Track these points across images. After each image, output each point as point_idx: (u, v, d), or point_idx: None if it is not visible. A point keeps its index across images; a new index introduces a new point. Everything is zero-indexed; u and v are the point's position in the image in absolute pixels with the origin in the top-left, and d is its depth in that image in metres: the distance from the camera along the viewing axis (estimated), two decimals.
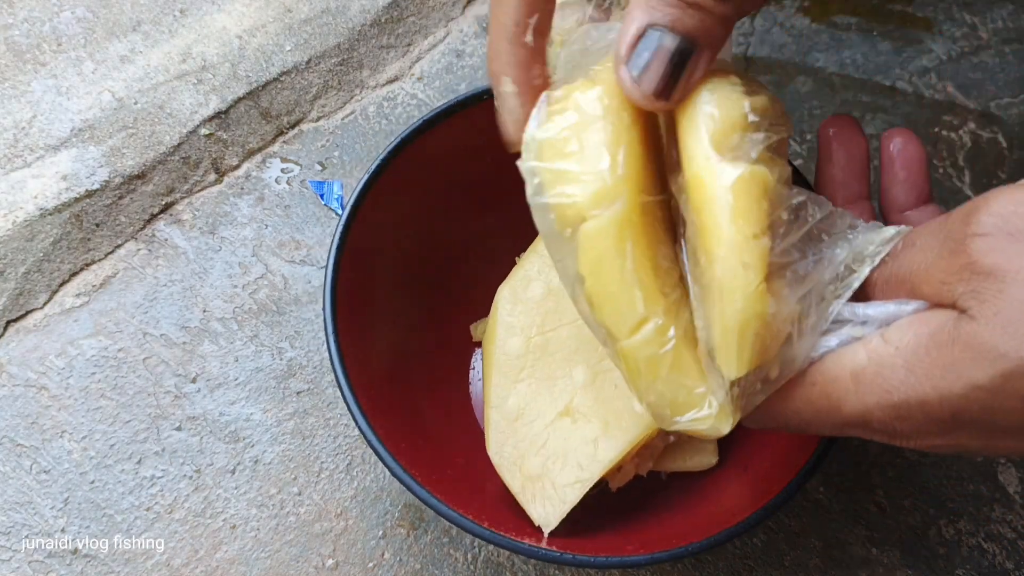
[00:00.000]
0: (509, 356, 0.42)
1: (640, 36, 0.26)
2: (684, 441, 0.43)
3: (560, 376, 0.42)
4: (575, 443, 0.40)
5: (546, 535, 0.39)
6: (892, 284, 0.26)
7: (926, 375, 0.23)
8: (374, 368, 0.42)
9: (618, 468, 0.42)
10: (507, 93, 0.30)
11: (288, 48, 0.57)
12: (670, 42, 0.25)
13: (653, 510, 0.43)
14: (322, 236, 0.52)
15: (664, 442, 0.43)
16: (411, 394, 0.44)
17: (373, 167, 0.41)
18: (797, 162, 0.55)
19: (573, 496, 0.39)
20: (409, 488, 0.36)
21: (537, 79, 0.29)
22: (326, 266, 0.40)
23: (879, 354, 0.25)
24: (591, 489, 0.39)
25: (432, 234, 0.46)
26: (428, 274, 0.46)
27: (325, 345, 0.49)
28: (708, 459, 0.44)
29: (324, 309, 0.39)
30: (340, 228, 0.40)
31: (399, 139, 0.42)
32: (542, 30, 0.29)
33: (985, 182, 0.55)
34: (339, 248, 0.40)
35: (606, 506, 0.43)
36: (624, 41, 0.26)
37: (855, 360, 0.25)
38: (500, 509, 0.40)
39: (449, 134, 0.43)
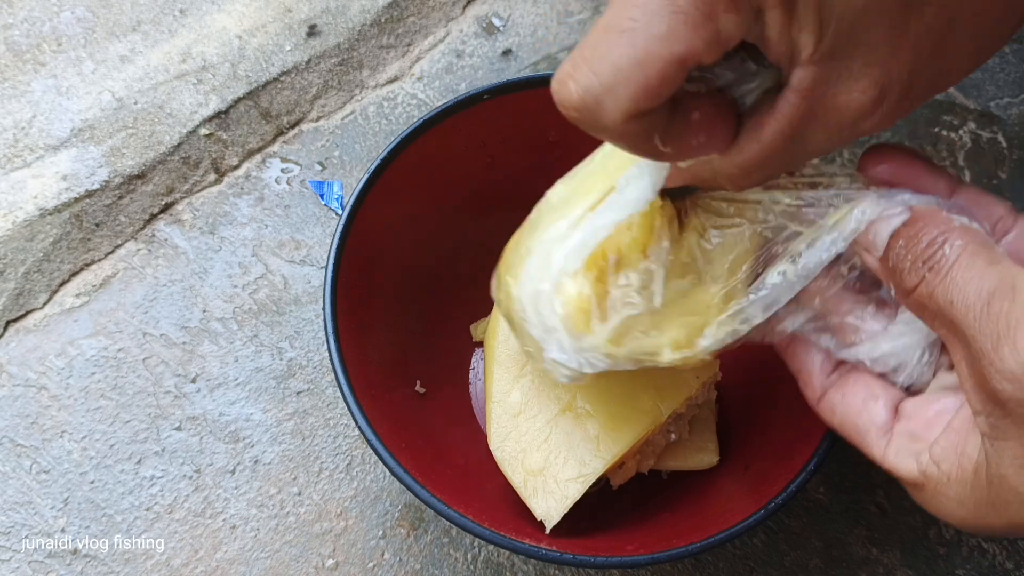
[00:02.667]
0: (512, 352, 0.42)
1: None
2: (685, 440, 0.43)
3: None
4: (577, 439, 0.40)
5: (548, 530, 0.39)
6: (932, 312, 0.28)
7: (973, 513, 0.27)
8: (374, 368, 0.42)
9: (620, 465, 0.42)
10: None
11: (288, 48, 0.57)
12: None
13: (653, 509, 0.43)
14: (322, 236, 0.52)
15: (666, 440, 0.43)
16: (411, 394, 0.44)
17: (373, 167, 0.41)
18: None
19: (575, 491, 0.39)
20: (409, 488, 0.36)
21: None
22: (326, 266, 0.40)
23: (934, 479, 0.28)
24: (592, 486, 0.40)
25: (432, 234, 0.46)
26: (428, 274, 0.46)
27: (325, 345, 0.49)
28: (709, 458, 0.44)
29: (324, 309, 0.39)
30: (340, 228, 0.40)
31: (399, 139, 0.42)
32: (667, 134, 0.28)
33: (985, 182, 0.55)
34: (339, 248, 0.40)
35: (607, 504, 0.43)
36: None
37: (911, 471, 0.29)
38: (500, 509, 0.40)
39: (449, 134, 0.43)
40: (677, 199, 0.32)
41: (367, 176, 0.41)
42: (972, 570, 0.45)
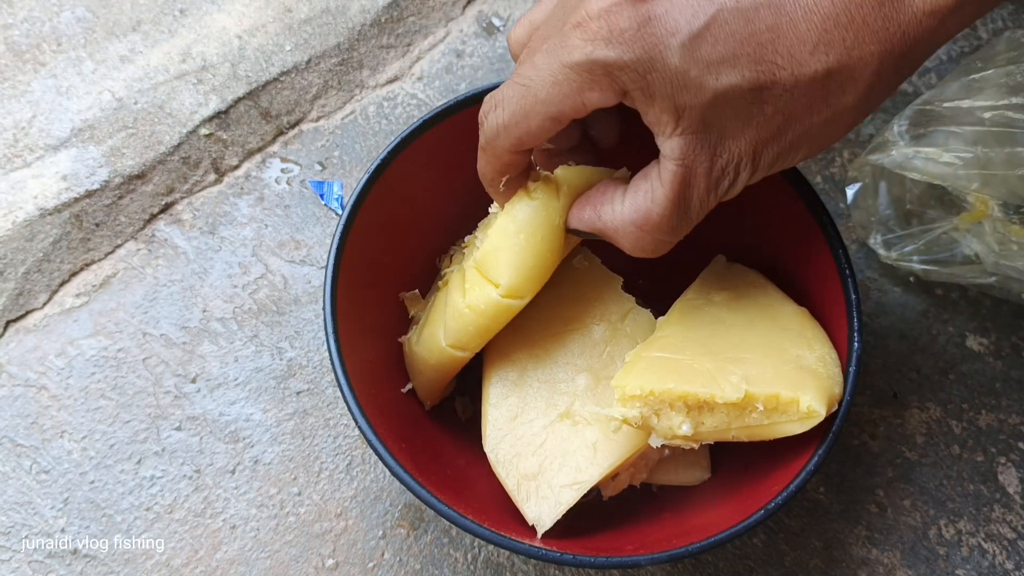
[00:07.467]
0: (510, 359, 0.42)
1: None
2: (679, 455, 0.43)
3: (562, 380, 0.41)
4: (574, 445, 0.40)
5: (539, 535, 0.39)
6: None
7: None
8: (374, 369, 0.42)
9: (613, 476, 0.41)
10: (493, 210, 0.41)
11: (288, 48, 0.57)
12: None
13: (654, 511, 0.43)
14: (322, 236, 0.52)
15: (660, 454, 0.42)
16: (411, 395, 0.44)
17: (372, 167, 0.41)
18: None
19: (569, 497, 0.39)
20: (410, 488, 0.36)
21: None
22: (326, 266, 0.40)
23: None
24: (584, 495, 0.39)
25: (432, 234, 0.46)
26: (428, 274, 0.46)
27: (325, 345, 0.49)
28: (701, 474, 0.43)
29: (324, 309, 0.39)
30: (340, 228, 0.40)
31: (399, 139, 0.42)
32: (512, 183, 0.38)
33: None
34: (339, 249, 0.40)
35: (600, 515, 0.42)
36: None
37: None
38: (500, 509, 0.40)
39: (449, 134, 0.43)
40: (583, 237, 0.38)
41: (367, 176, 0.41)
42: (972, 570, 0.45)
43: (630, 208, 0.34)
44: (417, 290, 0.45)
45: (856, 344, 0.39)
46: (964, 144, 0.44)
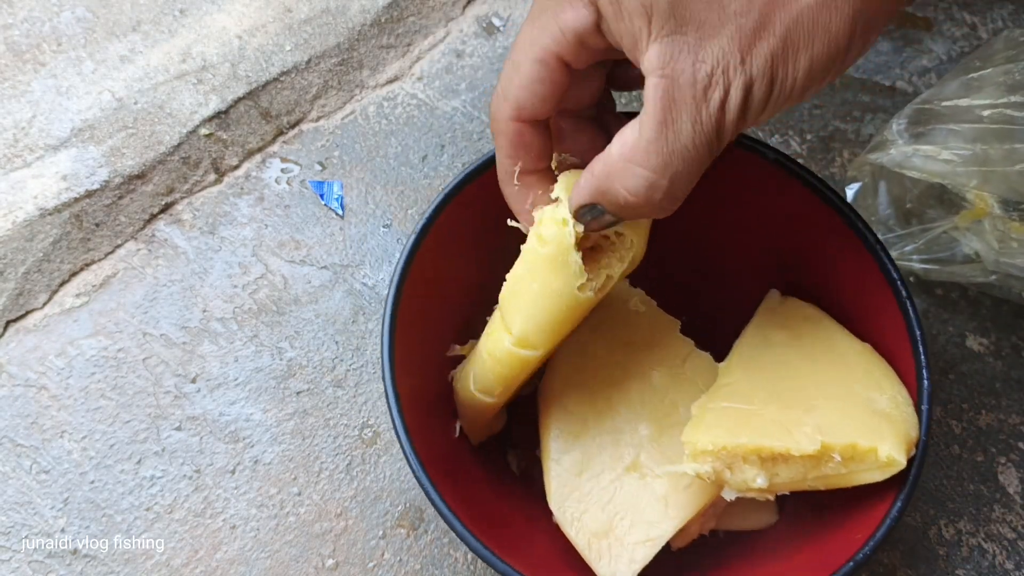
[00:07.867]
0: (569, 410, 0.41)
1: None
2: (745, 499, 0.40)
3: (626, 431, 0.40)
4: (644, 500, 0.38)
5: None
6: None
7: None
8: (430, 421, 0.40)
9: (684, 527, 0.40)
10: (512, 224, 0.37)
11: (288, 48, 0.57)
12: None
13: (719, 567, 0.41)
14: (322, 236, 0.52)
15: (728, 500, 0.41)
16: (461, 441, 0.43)
17: (429, 211, 0.39)
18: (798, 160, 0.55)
19: (644, 555, 0.38)
20: (484, 559, 0.34)
21: (529, 207, 0.36)
22: (383, 316, 0.38)
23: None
24: None
25: (486, 276, 0.41)
26: (481, 318, 0.43)
27: (326, 346, 0.49)
28: (768, 517, 0.42)
29: (384, 374, 0.37)
30: (399, 268, 0.38)
31: (454, 183, 0.40)
32: (525, 172, 0.35)
33: None
34: (403, 271, 0.38)
35: (671, 566, 0.41)
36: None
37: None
38: (564, 566, 0.39)
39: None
40: (590, 228, 0.34)
41: (425, 218, 0.39)
42: (972, 570, 0.45)
43: (618, 145, 0.31)
44: (470, 342, 0.42)
45: (926, 382, 0.37)
46: (963, 142, 0.44)
